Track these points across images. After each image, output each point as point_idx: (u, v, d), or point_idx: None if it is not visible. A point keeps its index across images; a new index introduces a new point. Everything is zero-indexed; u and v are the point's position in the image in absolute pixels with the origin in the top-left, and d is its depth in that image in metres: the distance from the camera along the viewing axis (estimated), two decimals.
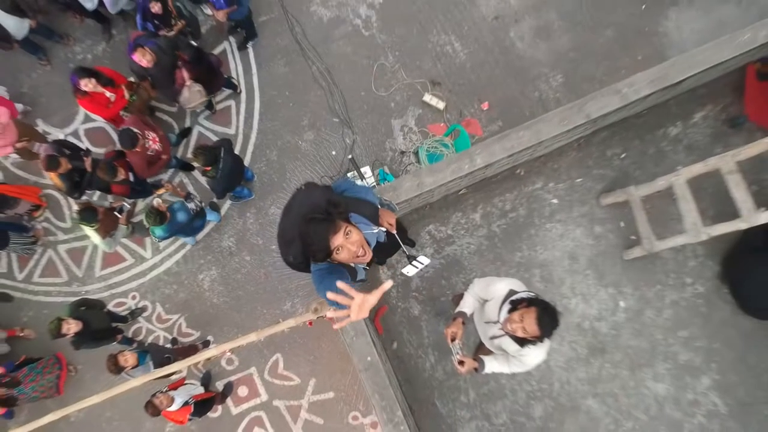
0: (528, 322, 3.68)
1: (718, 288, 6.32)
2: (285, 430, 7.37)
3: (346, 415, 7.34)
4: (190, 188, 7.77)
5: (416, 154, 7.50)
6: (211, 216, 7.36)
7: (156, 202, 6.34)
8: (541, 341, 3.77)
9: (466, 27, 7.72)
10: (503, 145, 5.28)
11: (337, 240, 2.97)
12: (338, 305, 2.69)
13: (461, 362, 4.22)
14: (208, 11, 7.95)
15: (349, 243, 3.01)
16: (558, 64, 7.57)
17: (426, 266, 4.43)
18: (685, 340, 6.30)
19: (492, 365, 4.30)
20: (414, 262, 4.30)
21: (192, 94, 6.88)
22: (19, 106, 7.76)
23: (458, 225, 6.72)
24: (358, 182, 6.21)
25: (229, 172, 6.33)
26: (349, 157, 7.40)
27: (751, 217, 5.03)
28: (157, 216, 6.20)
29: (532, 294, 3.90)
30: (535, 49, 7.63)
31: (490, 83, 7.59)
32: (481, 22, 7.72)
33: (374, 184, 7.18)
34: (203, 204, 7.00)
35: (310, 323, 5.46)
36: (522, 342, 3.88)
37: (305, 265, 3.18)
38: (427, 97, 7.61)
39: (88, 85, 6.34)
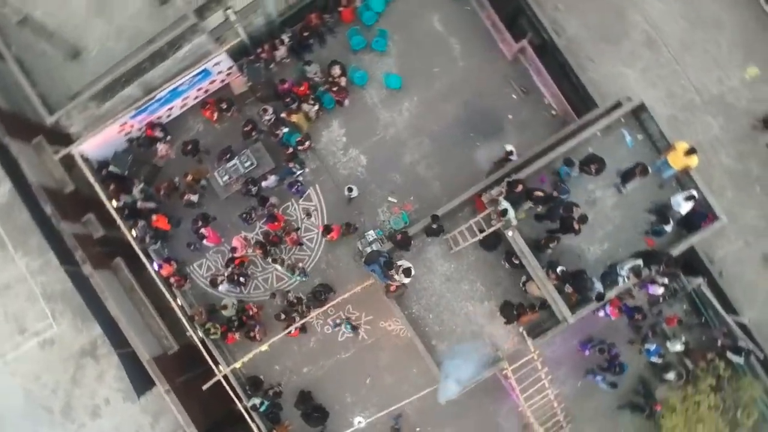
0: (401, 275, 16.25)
1: (478, 255, 18.23)
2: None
3: (378, 324, 19.66)
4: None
5: (389, 222, 19.74)
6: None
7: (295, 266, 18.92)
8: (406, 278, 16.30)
9: (403, 172, 20.02)
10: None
11: None
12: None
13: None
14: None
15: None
16: (448, 187, 19.87)
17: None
18: (471, 273, 18.17)
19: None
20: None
21: None
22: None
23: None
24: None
25: None
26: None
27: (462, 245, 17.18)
28: (293, 270, 18.67)
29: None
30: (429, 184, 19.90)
31: (416, 193, 19.83)
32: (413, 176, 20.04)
33: (374, 236, 19.42)
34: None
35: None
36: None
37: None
38: (390, 198, 19.88)
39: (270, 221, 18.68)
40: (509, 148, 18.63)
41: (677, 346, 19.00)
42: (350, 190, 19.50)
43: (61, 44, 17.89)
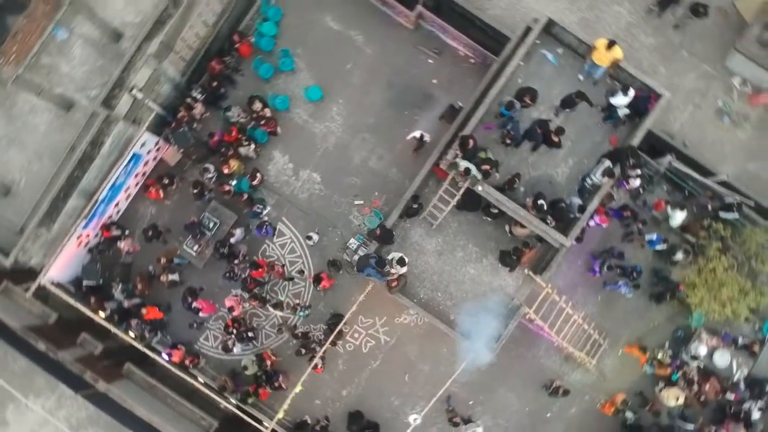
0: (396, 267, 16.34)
1: (460, 220, 18.49)
2: (376, 335, 19.81)
3: (392, 320, 19.77)
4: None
5: (365, 223, 19.80)
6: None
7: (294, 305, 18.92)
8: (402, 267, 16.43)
9: (358, 173, 20.09)
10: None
11: None
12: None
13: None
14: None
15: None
16: (405, 169, 19.99)
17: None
18: (459, 239, 18.42)
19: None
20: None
21: None
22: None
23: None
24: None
25: None
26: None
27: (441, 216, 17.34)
28: (294, 310, 18.73)
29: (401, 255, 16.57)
30: (386, 174, 20.01)
31: (378, 187, 19.93)
32: (369, 173, 20.11)
33: (357, 242, 19.49)
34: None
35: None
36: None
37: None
38: (356, 202, 19.95)
39: (253, 269, 18.64)
40: (417, 134, 19.49)
41: (677, 216, 19.00)
42: (309, 238, 19.99)
43: None
